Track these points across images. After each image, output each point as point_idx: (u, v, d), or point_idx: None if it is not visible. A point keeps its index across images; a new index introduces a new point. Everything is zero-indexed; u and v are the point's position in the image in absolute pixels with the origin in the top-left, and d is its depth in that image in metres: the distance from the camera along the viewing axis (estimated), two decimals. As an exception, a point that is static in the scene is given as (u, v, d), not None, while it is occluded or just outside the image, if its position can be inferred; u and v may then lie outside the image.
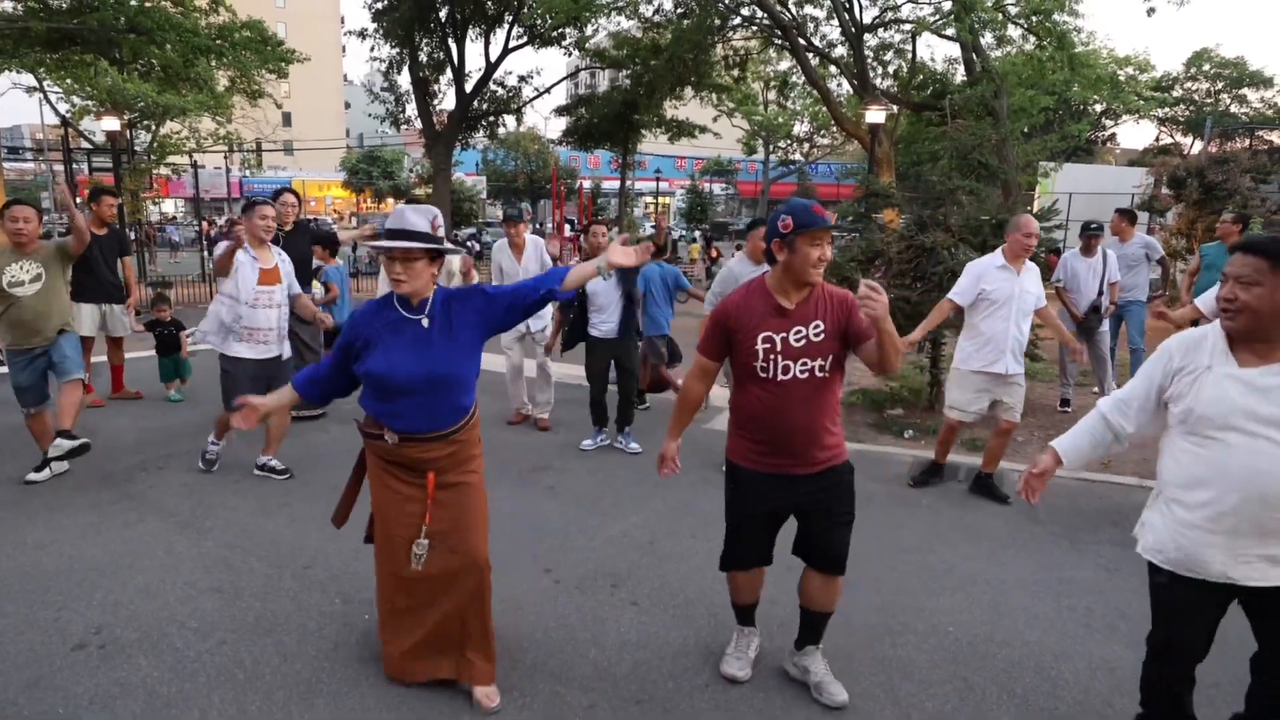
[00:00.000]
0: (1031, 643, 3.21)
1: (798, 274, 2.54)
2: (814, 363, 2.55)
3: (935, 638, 3.23)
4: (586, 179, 41.50)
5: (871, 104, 15.66)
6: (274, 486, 4.79)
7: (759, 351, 2.56)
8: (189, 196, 38.18)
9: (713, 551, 3.96)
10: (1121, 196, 15.20)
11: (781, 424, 2.59)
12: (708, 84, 22.67)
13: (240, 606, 3.36)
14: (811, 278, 2.53)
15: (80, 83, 16.68)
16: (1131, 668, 3.01)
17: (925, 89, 21.19)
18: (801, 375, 2.55)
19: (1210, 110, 33.08)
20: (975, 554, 4.05)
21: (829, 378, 2.59)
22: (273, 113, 21.03)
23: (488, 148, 37.85)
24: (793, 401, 2.56)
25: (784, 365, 2.55)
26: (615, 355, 5.59)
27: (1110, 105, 30.19)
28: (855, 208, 8.18)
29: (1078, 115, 27.28)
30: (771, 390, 2.58)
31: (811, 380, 2.56)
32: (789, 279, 2.57)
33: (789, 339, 2.55)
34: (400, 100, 23.38)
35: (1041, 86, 18.24)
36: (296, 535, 4.09)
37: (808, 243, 2.50)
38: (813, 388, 2.57)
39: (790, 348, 2.55)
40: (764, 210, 46.37)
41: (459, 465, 2.66)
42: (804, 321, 2.56)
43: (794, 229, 2.50)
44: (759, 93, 33.64)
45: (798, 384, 2.56)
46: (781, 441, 2.61)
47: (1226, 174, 12.75)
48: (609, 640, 3.17)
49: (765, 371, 2.57)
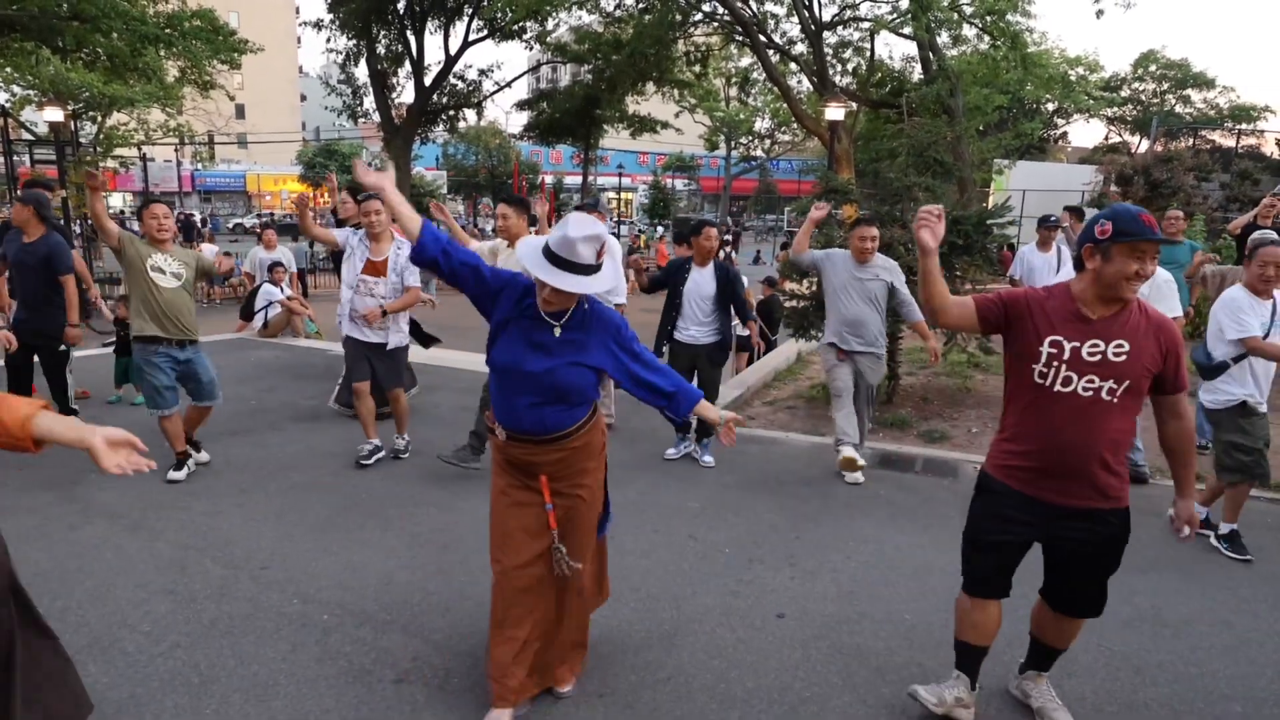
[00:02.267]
0: (985, 629, 3.28)
1: (1109, 286, 2.27)
2: (1105, 383, 2.28)
3: (891, 625, 3.29)
4: (549, 174, 41.30)
5: (831, 101, 15.85)
6: (227, 485, 4.70)
7: (1042, 354, 2.32)
8: (138, 190, 37.10)
9: (672, 545, 4.01)
10: (1072, 194, 15.60)
11: (1052, 441, 2.33)
12: (670, 79, 22.73)
13: (194, 609, 3.29)
14: (1125, 293, 2.26)
15: (21, 72, 16.09)
16: (1080, 649, 3.10)
17: (883, 87, 21.53)
18: (1084, 392, 2.29)
19: (1156, 110, 34.15)
20: (930, 543, 4.13)
21: (1118, 404, 2.30)
22: (225, 105, 20.52)
23: (448, 142, 37.43)
24: (1069, 418, 2.31)
25: (1066, 376, 2.30)
26: (696, 362, 5.37)
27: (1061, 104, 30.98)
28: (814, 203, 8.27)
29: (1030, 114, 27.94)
30: (1047, 401, 2.33)
31: (1096, 401, 2.29)
32: (1097, 290, 2.30)
33: (1081, 350, 2.29)
34: (358, 93, 23.00)
35: (995, 85, 18.66)
36: (252, 535, 4.02)
37: (1127, 253, 2.22)
38: (1098, 410, 2.29)
39: (1080, 360, 2.29)
40: (725, 206, 46.70)
41: (570, 475, 2.57)
42: (1106, 337, 2.29)
43: (1112, 235, 2.23)
44: (720, 89, 33.80)
45: (1077, 400, 2.30)
46: (1047, 461, 2.35)
47: (1171, 172, 13.19)
48: (571, 635, 3.16)
49: (1043, 378, 2.32)
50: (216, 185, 48.77)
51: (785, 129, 39.41)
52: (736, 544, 4.05)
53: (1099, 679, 2.95)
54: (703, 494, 4.76)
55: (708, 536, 4.14)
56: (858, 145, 21.90)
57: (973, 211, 6.75)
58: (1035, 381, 2.34)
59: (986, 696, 2.80)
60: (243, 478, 4.84)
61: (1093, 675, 2.97)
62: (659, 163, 47.48)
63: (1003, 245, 7.58)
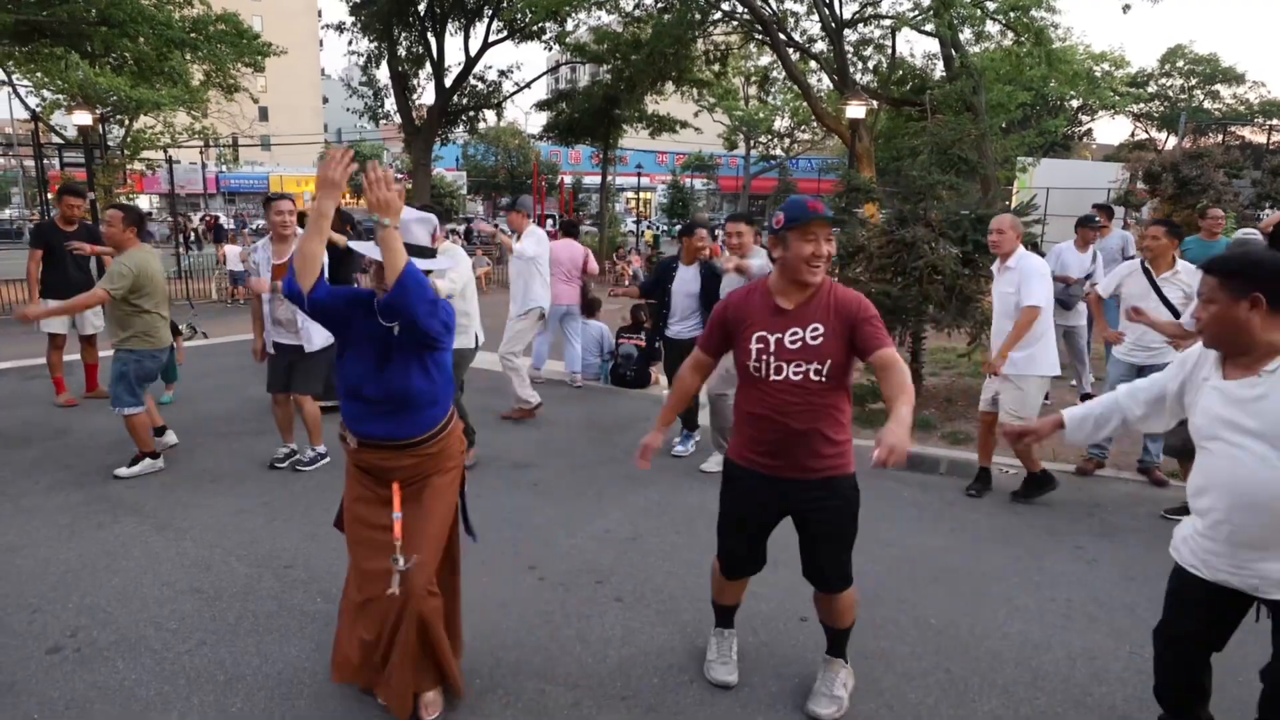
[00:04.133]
0: (1012, 634, 3.24)
1: (793, 272, 2.46)
2: (808, 366, 2.46)
3: (917, 630, 3.26)
4: (568, 174, 41.37)
5: (852, 99, 15.72)
6: (253, 485, 4.74)
7: (752, 350, 2.51)
8: (164, 192, 37.63)
9: (695, 546, 3.98)
10: (1098, 191, 15.37)
11: (773, 426, 2.51)
12: (688, 79, 22.64)
13: (220, 607, 3.32)
14: (806, 276, 2.44)
15: (50, 76, 16.33)
16: (1110, 657, 3.06)
17: (905, 84, 21.32)
18: (795, 378, 2.47)
19: (1184, 106, 33.56)
20: (956, 546, 4.08)
21: (827, 384, 2.47)
22: (249, 107, 20.76)
23: (468, 142, 37.60)
24: (785, 404, 2.48)
25: (776, 366, 2.48)
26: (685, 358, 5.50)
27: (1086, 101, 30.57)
28: (836, 203, 8.22)
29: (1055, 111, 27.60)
30: (764, 390, 2.52)
31: (806, 384, 2.47)
32: (786, 278, 2.50)
33: (784, 340, 2.47)
34: (379, 94, 23.13)
35: (1019, 82, 18.42)
36: (276, 535, 4.05)
37: (799, 238, 2.42)
38: (808, 392, 2.47)
39: (784, 349, 2.47)
40: (744, 205, 46.53)
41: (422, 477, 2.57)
42: (801, 323, 2.47)
43: (785, 223, 2.44)
44: (740, 88, 33.66)
45: (790, 386, 2.48)
46: (773, 443, 2.53)
47: (1200, 169, 12.93)
48: (593, 637, 3.16)
49: (758, 371, 2.52)
50: (240, 187, 49.28)
51: (805, 127, 39.16)
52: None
53: (1130, 687, 2.89)
54: (724, 495, 4.73)
55: (730, 538, 4.11)
56: (879, 143, 21.73)
57: (996, 210, 6.66)
58: (753, 375, 2.53)
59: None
60: (268, 477, 4.89)
61: (1124, 684, 2.91)
62: (678, 162, 47.38)
63: (1027, 244, 7.48)
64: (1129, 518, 4.51)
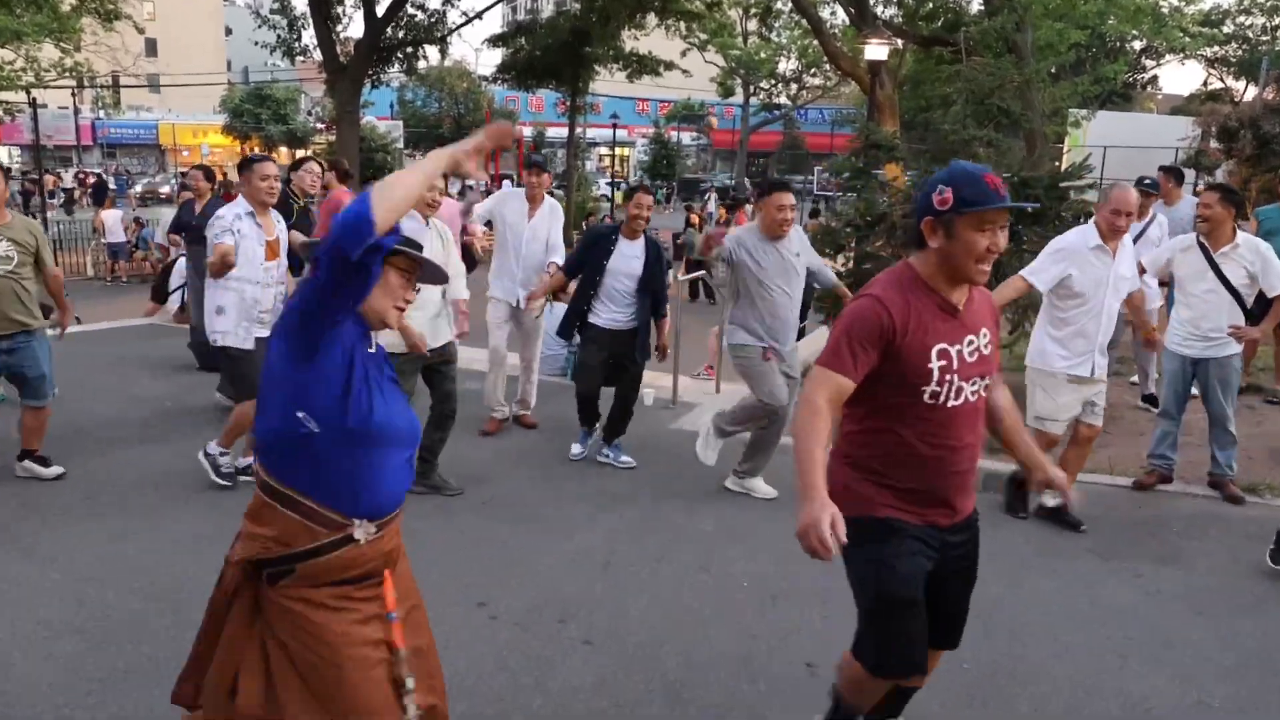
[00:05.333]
0: (1059, 677, 3.29)
1: (957, 269, 2.25)
2: (981, 383, 2.36)
3: (949, 675, 3.29)
4: (527, 125, 41.23)
5: (871, 37, 15.79)
6: (138, 503, 4.69)
7: (934, 371, 2.26)
8: (27, 144, 36.97)
9: (680, 576, 4.00)
10: (1165, 152, 15.59)
11: (946, 463, 2.35)
12: (675, 10, 22.59)
13: (110, 652, 3.28)
14: (976, 276, 2.24)
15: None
16: (1174, 706, 3.11)
17: (935, 20, 21.39)
18: (972, 399, 2.34)
19: (1267, 49, 34.03)
20: (994, 576, 4.11)
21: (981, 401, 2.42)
22: (133, 39, 20.46)
23: (405, 86, 37.31)
24: (961, 437, 2.35)
25: (958, 387, 2.30)
26: (617, 355, 5.42)
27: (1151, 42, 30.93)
28: (852, 162, 8.25)
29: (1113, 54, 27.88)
30: (941, 421, 2.31)
31: (979, 405, 2.39)
32: (945, 273, 2.28)
33: (964, 352, 2.30)
34: (295, 25, 22.85)
35: (1072, 19, 18.58)
36: (165, 562, 4.01)
37: (973, 226, 2.18)
38: (978, 415, 2.40)
39: (965, 364, 2.30)
40: (741, 164, 46.67)
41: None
42: (974, 329, 2.34)
43: (954, 206, 2.18)
44: (737, 22, 33.75)
45: (970, 411, 2.36)
46: (946, 489, 2.38)
47: (1285, 125, 13.12)
48: (555, 686, 3.16)
49: (936, 398, 2.29)
50: (123, 138, 48.62)
51: (815, 71, 39.32)
52: (757, 576, 4.04)
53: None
54: (717, 513, 4.75)
55: (722, 566, 4.13)
56: (903, 91, 21.86)
57: (1044, 172, 6.74)
58: (927, 403, 2.31)
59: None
60: (157, 494, 4.83)
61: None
62: (661, 112, 47.40)
63: (1079, 214, 7.58)
64: (1198, 540, 4.59)
